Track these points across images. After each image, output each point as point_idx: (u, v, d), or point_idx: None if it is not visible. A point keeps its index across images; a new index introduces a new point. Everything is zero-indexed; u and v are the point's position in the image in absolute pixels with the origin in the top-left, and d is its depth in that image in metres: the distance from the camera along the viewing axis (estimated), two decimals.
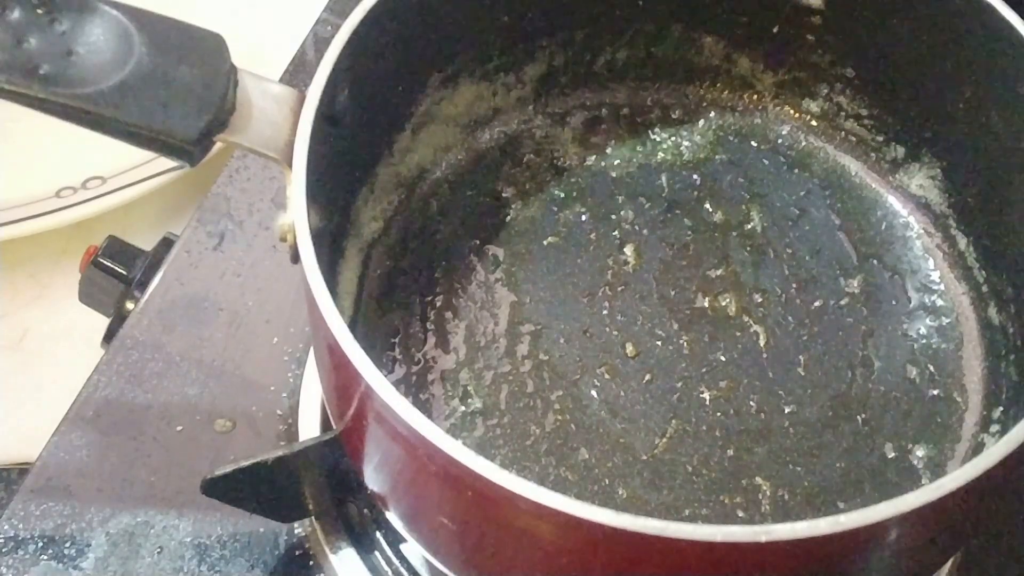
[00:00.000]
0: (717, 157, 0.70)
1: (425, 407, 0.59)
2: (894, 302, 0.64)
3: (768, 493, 0.57)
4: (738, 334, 0.63)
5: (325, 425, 0.66)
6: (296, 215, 0.49)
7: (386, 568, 0.62)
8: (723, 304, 0.64)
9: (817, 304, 0.64)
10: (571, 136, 0.70)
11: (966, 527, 0.52)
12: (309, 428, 0.66)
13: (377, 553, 0.63)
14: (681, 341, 0.62)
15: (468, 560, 0.52)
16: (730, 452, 0.58)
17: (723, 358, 0.62)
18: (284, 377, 0.69)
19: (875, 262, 0.66)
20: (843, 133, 0.70)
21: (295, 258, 0.49)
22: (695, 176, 0.69)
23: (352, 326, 0.60)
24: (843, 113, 0.70)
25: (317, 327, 0.50)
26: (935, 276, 0.65)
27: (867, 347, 0.62)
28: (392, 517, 0.54)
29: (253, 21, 0.94)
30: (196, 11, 0.61)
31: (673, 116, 0.71)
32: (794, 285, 0.64)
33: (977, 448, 0.59)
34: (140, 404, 0.68)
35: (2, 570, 0.62)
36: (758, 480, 0.58)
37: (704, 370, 0.61)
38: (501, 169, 0.68)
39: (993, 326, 0.63)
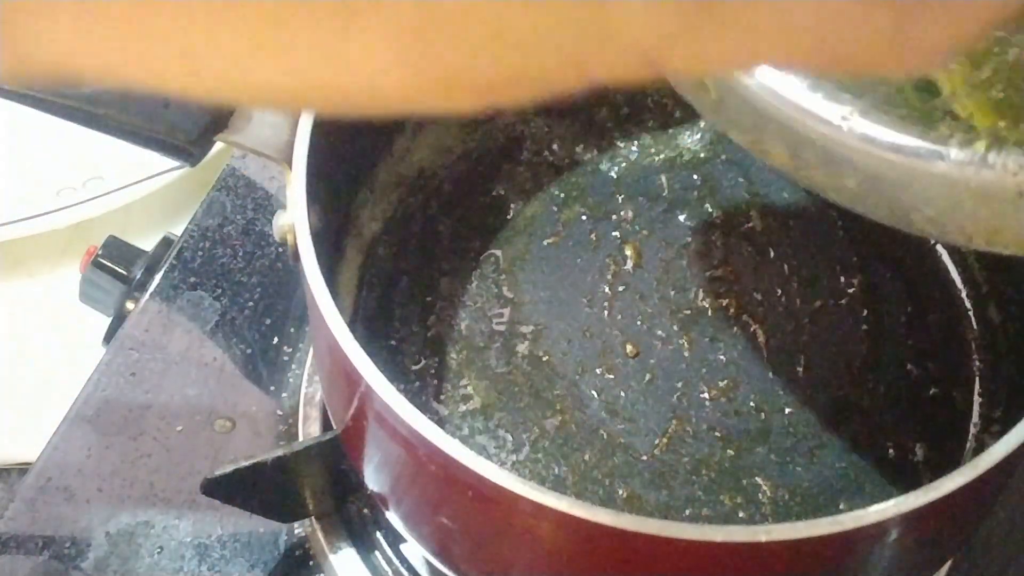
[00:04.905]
0: (717, 157, 0.69)
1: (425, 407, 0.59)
2: (894, 302, 0.64)
3: (768, 493, 0.57)
4: (738, 334, 0.62)
5: (325, 425, 0.66)
6: (296, 215, 0.49)
7: (386, 568, 0.62)
8: (723, 304, 0.64)
9: (817, 304, 0.64)
10: (571, 136, 0.70)
11: (966, 527, 0.52)
12: (309, 428, 0.66)
13: (377, 553, 0.63)
14: (681, 341, 0.62)
15: (468, 560, 0.52)
16: (730, 452, 0.58)
17: (723, 358, 0.62)
18: (284, 377, 0.69)
19: (875, 262, 0.66)
20: None
21: (295, 258, 0.49)
22: (695, 176, 0.69)
23: (352, 326, 0.60)
24: None
25: (317, 327, 0.50)
26: (936, 276, 0.65)
27: (867, 347, 0.62)
28: (392, 517, 0.54)
29: None
30: None
31: (673, 116, 0.71)
32: (794, 285, 0.64)
33: (977, 448, 0.59)
34: (140, 404, 0.68)
35: (2, 570, 0.62)
36: (758, 480, 0.58)
37: (704, 370, 0.61)
38: (501, 169, 0.68)
39: (993, 326, 0.63)
